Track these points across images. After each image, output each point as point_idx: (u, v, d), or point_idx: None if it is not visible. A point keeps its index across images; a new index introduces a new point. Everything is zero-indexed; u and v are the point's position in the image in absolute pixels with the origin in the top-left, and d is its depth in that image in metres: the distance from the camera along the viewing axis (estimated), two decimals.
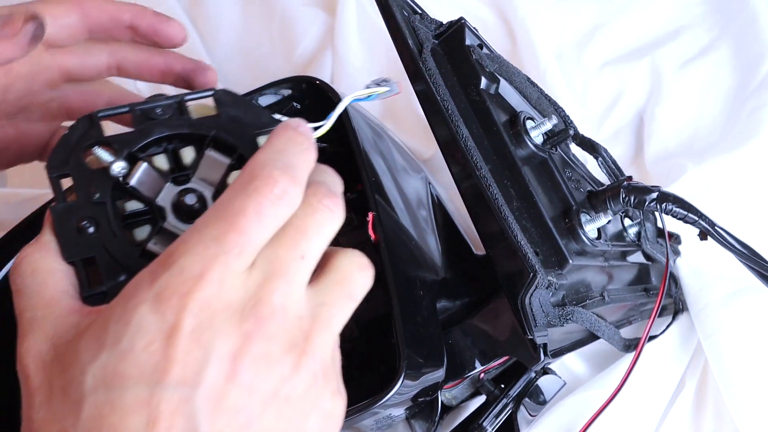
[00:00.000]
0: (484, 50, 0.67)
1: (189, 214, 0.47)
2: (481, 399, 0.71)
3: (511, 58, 0.84)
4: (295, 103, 0.75)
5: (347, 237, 0.76)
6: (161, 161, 0.49)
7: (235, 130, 0.49)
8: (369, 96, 0.57)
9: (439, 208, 0.76)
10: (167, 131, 0.48)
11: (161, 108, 0.49)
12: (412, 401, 0.64)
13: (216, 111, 0.50)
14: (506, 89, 0.67)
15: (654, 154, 0.91)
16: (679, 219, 0.63)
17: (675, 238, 0.82)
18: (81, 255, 0.45)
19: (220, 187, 0.48)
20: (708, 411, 0.77)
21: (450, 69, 0.66)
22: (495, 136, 0.63)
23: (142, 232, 0.48)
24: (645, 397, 0.77)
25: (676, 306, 0.81)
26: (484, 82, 0.64)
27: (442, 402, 0.67)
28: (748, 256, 0.65)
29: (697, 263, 0.81)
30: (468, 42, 0.66)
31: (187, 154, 0.49)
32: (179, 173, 0.49)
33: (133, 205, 0.48)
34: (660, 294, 0.69)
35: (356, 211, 0.79)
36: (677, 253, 0.81)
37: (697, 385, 0.78)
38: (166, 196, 0.48)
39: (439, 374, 0.63)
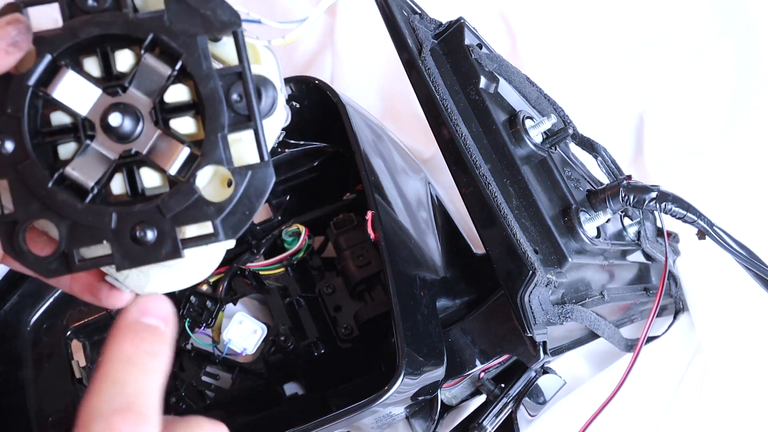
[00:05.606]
0: (484, 50, 0.67)
1: (121, 135, 0.40)
2: (481, 398, 0.71)
3: (511, 58, 0.84)
4: (294, 103, 0.75)
5: (347, 236, 0.76)
6: (91, 66, 0.41)
7: (183, 30, 0.40)
8: None
9: (438, 207, 0.76)
10: (97, 31, 0.40)
11: None
12: (412, 400, 0.64)
13: (163, 5, 0.40)
14: (505, 88, 0.67)
15: (654, 154, 0.91)
16: (678, 218, 0.63)
17: (674, 237, 0.82)
18: None
19: (159, 103, 0.41)
20: (708, 411, 0.77)
21: (449, 68, 0.66)
22: (494, 135, 0.63)
23: (67, 150, 0.41)
24: (645, 397, 0.77)
25: (676, 306, 0.81)
26: (483, 81, 0.64)
27: (442, 401, 0.68)
28: (745, 257, 0.65)
29: (697, 263, 0.81)
30: (467, 41, 0.66)
31: (123, 58, 0.41)
32: (114, 82, 0.41)
33: (60, 118, 0.41)
34: (659, 293, 0.69)
35: (356, 210, 0.79)
36: (677, 252, 0.81)
37: (697, 385, 0.78)
38: (97, 109, 0.40)
39: (439, 373, 0.63)
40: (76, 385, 0.72)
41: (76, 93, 0.40)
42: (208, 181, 0.41)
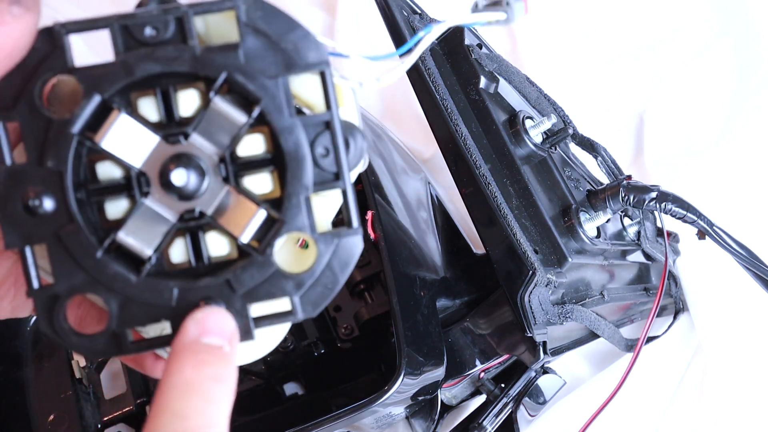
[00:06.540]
0: (484, 50, 0.67)
1: (184, 193, 0.34)
2: (481, 398, 0.71)
3: (511, 58, 0.84)
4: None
5: None
6: (148, 108, 0.34)
7: (261, 70, 0.34)
8: (473, 22, 0.40)
9: (438, 207, 0.76)
10: (159, 69, 0.33)
11: (155, 25, 0.33)
12: (412, 400, 0.64)
13: (238, 36, 0.34)
14: (505, 88, 0.67)
15: (654, 154, 0.91)
16: (678, 218, 0.63)
17: (674, 237, 0.82)
18: (23, 243, 0.33)
19: (230, 155, 0.34)
20: (708, 411, 0.77)
21: (449, 68, 0.66)
22: (494, 135, 0.63)
23: (116, 209, 0.35)
24: (645, 397, 0.77)
25: (676, 306, 0.81)
26: (483, 81, 0.64)
27: (442, 401, 0.68)
28: (745, 257, 0.65)
29: (697, 263, 0.81)
30: (467, 41, 0.66)
31: (188, 100, 0.34)
32: (175, 128, 0.34)
33: (108, 170, 0.35)
34: (659, 293, 0.69)
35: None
36: (677, 252, 0.81)
37: (697, 385, 0.78)
38: (153, 160, 0.34)
39: (439, 373, 0.63)
40: (76, 385, 0.72)
41: (129, 141, 0.34)
42: (281, 246, 0.35)
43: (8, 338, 0.76)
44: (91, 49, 0.86)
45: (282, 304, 0.35)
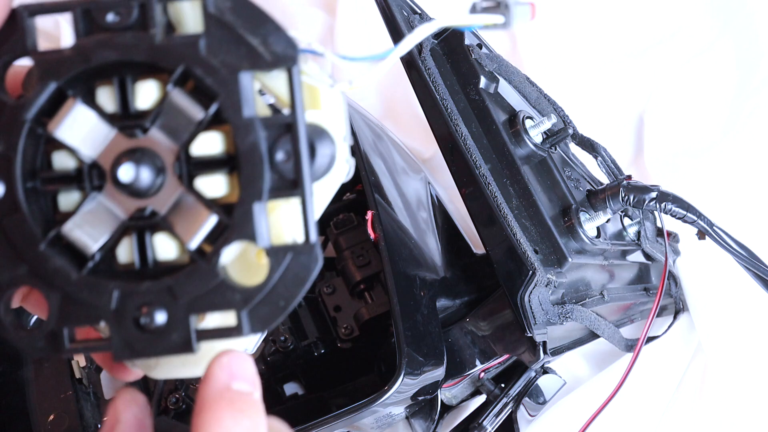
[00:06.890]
0: (484, 50, 0.67)
1: (134, 191, 0.32)
2: (481, 398, 0.71)
3: (511, 58, 0.84)
4: None
5: (347, 236, 0.76)
6: (105, 98, 0.33)
7: (223, 63, 0.32)
8: (469, 25, 0.38)
9: (438, 207, 0.76)
10: (115, 56, 0.32)
11: (117, 10, 0.32)
12: (412, 400, 0.64)
13: (202, 27, 0.32)
14: (505, 88, 0.67)
15: (654, 154, 0.91)
16: (678, 218, 0.63)
17: (674, 237, 0.82)
18: None
19: (185, 151, 0.32)
20: (708, 411, 0.77)
21: (449, 68, 0.66)
22: (494, 135, 0.63)
23: (69, 201, 0.33)
24: (645, 397, 0.77)
25: (676, 306, 0.81)
26: (483, 81, 0.64)
27: (442, 401, 0.68)
28: (745, 257, 0.65)
29: (697, 263, 0.81)
30: (467, 42, 0.66)
31: (146, 92, 0.33)
32: (132, 121, 0.33)
33: (63, 160, 0.33)
34: (659, 293, 0.69)
35: (356, 210, 0.79)
36: (677, 252, 0.81)
37: (697, 385, 0.78)
38: (108, 152, 0.32)
39: (439, 373, 0.63)
40: (76, 385, 0.72)
41: (84, 131, 0.32)
42: (235, 256, 0.33)
43: None
44: None
45: (232, 318, 0.32)
